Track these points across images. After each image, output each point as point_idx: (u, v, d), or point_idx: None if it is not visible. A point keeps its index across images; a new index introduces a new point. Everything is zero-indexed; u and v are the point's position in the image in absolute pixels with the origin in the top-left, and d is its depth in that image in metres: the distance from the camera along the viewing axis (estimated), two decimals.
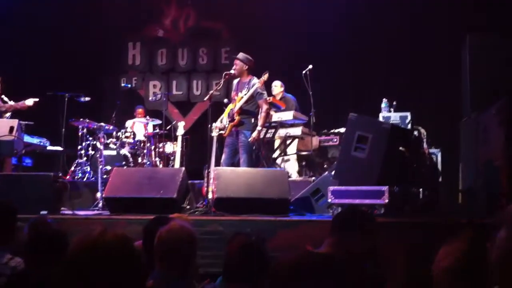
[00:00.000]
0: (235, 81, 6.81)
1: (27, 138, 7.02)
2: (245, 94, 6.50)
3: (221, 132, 6.58)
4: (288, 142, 7.35)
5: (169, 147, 8.01)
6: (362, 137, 5.55)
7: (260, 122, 6.48)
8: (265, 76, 6.57)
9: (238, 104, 6.49)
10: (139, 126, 8.41)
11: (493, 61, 6.09)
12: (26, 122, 6.90)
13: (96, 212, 5.90)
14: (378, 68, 8.43)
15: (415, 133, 6.21)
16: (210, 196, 5.61)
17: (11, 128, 5.78)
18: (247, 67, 6.66)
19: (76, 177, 7.48)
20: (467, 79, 6.42)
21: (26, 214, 3.89)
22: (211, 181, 5.72)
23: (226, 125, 6.63)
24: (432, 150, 6.37)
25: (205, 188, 5.84)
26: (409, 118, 6.73)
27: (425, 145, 6.16)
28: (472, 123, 6.14)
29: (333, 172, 6.07)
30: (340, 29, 8.69)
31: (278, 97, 7.66)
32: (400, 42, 8.40)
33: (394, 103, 6.95)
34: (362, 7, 8.60)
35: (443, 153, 6.55)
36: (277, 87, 7.61)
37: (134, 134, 8.01)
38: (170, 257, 2.52)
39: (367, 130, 5.58)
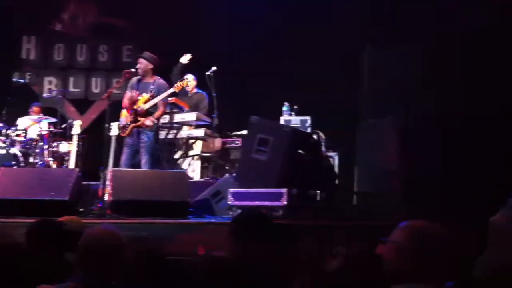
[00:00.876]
0: (134, 79, 6.61)
1: None
2: (153, 96, 6.33)
3: (120, 131, 6.37)
4: (190, 143, 7.26)
5: (64, 147, 7.62)
6: (264, 140, 5.61)
7: (156, 115, 6.36)
8: (183, 82, 6.52)
9: (144, 106, 6.31)
10: (32, 124, 7.95)
11: (390, 71, 6.41)
12: None
13: None
14: (280, 72, 8.56)
15: (314, 136, 6.38)
16: (106, 198, 5.41)
17: None
18: (151, 66, 6.51)
19: None
20: (365, 86, 6.71)
21: None
22: (107, 182, 5.52)
23: (126, 125, 6.43)
24: (330, 154, 6.57)
25: (101, 190, 5.63)
26: (309, 122, 6.90)
27: (323, 149, 6.35)
28: (368, 128, 6.42)
29: (234, 174, 6.09)
30: (243, 30, 8.73)
31: (191, 91, 7.54)
32: (302, 46, 8.58)
33: (295, 107, 7.09)
34: (264, 8, 8.69)
35: (340, 157, 6.77)
36: (190, 81, 7.46)
37: (26, 133, 7.55)
38: (95, 261, 2.45)
39: (268, 133, 5.64)
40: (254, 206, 5.06)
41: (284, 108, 6.99)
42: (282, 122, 6.83)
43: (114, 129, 6.27)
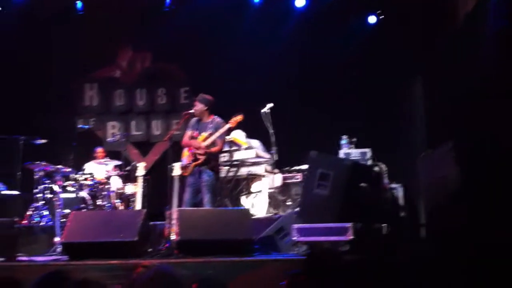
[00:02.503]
0: (193, 120, 6.81)
1: None
2: (211, 134, 6.50)
3: (182, 171, 6.52)
4: (251, 180, 7.33)
5: (129, 188, 7.86)
6: (324, 175, 5.60)
7: (213, 150, 6.50)
8: (238, 118, 6.63)
9: (203, 144, 6.48)
10: (99, 168, 8.24)
11: (445, 100, 6.32)
12: None
13: (53, 257, 5.69)
14: (338, 105, 8.58)
15: (376, 169, 6.30)
16: (172, 238, 5.50)
17: None
18: (207, 108, 6.70)
19: (33, 222, 7.21)
20: (421, 116, 6.63)
21: None
22: (173, 222, 5.62)
23: (188, 165, 6.59)
24: (393, 185, 6.46)
25: (167, 230, 5.74)
26: (369, 154, 6.83)
27: (386, 181, 6.25)
28: (428, 159, 6.29)
29: (296, 210, 6.09)
30: (297, 67, 8.84)
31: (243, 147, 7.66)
32: (358, 79, 8.59)
33: (354, 139, 7.06)
34: (317, 44, 8.79)
35: (404, 188, 6.63)
36: (240, 136, 7.63)
37: (93, 176, 7.83)
38: None
39: (329, 167, 5.63)
40: (321, 242, 5.02)
41: (343, 141, 6.97)
42: (341, 155, 6.80)
43: (176, 169, 6.42)
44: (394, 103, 8.44)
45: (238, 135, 7.57)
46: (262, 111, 7.30)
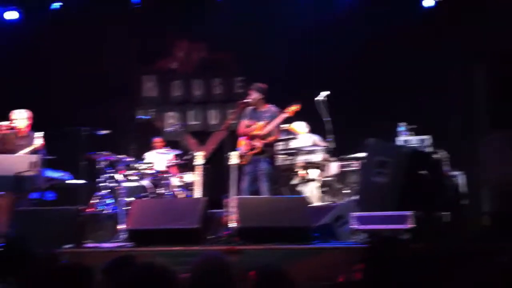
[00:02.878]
0: (249, 109, 6.90)
1: (49, 173, 7.08)
2: (267, 123, 6.57)
3: (239, 160, 6.62)
4: (308, 168, 7.34)
5: (188, 177, 8.04)
6: (382, 162, 5.55)
7: (270, 139, 6.60)
8: (294, 107, 6.66)
9: (260, 133, 6.56)
10: (159, 157, 8.46)
11: (508, 84, 6.11)
12: (47, 157, 6.97)
13: (118, 244, 5.91)
14: (395, 91, 8.44)
15: (436, 156, 6.17)
16: (232, 225, 5.61)
17: (33, 164, 5.85)
18: (262, 96, 6.77)
19: (97, 210, 7.50)
20: (483, 101, 6.42)
21: (50, 248, 3.90)
22: (232, 210, 5.73)
23: (245, 153, 6.69)
24: (454, 173, 6.30)
25: (226, 217, 5.85)
26: (428, 141, 6.69)
27: (446, 168, 6.12)
28: (490, 144, 6.11)
29: (354, 198, 6.07)
30: (353, 52, 8.73)
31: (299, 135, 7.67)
32: (416, 64, 8.41)
33: (413, 126, 6.92)
34: (376, 30, 8.65)
35: (466, 175, 6.46)
36: (302, 128, 7.65)
37: (154, 165, 8.05)
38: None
39: (387, 154, 5.58)
40: (380, 230, 5.00)
41: (401, 128, 6.85)
42: (399, 142, 6.70)
43: (234, 158, 6.53)
44: (455, 88, 8.22)
45: (299, 127, 7.59)
46: (316, 99, 7.26)
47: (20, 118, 6.64)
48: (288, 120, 7.18)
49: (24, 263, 3.07)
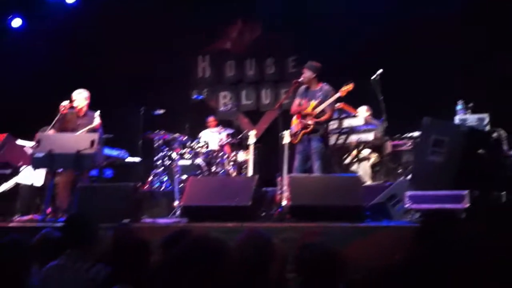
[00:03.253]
0: (302, 88, 6.87)
1: (107, 151, 7.32)
2: (320, 102, 6.55)
3: (292, 139, 6.64)
4: (360, 147, 7.28)
5: (241, 156, 8.13)
6: (438, 141, 5.43)
7: (322, 118, 6.61)
8: (348, 87, 6.60)
9: (313, 112, 6.55)
10: (212, 136, 8.59)
11: None
12: (106, 135, 7.20)
13: (174, 220, 6.07)
14: (452, 69, 8.20)
15: (494, 135, 5.98)
16: (284, 203, 5.65)
17: (92, 142, 6.04)
18: (315, 75, 6.72)
19: (153, 187, 7.73)
20: None
21: (109, 223, 4.05)
22: (284, 188, 5.76)
23: (297, 132, 6.69)
24: None
25: (278, 196, 5.89)
26: (487, 119, 6.47)
27: (505, 147, 5.92)
28: None
29: (408, 177, 5.97)
30: (410, 29, 8.53)
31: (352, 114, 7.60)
32: (475, 40, 8.13)
33: (471, 104, 6.71)
34: (433, 7, 8.39)
35: None
36: (363, 112, 7.57)
37: (208, 144, 8.19)
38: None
39: (443, 133, 5.45)
40: (435, 209, 4.91)
41: (458, 107, 6.66)
42: (457, 121, 6.52)
43: (286, 137, 6.55)
44: None
45: (360, 110, 7.52)
46: (372, 78, 7.15)
47: (80, 98, 6.86)
48: (341, 99, 7.12)
49: (86, 237, 3.20)
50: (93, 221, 3.26)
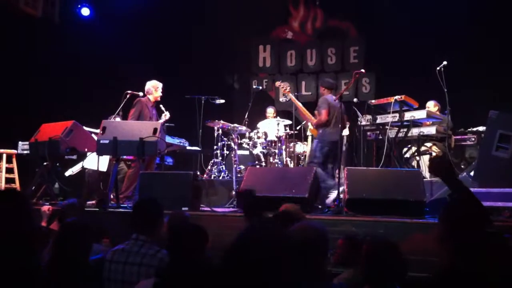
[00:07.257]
0: None
1: (169, 139, 7.48)
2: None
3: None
4: (422, 141, 7.10)
5: (299, 147, 8.12)
6: (505, 136, 5.24)
7: None
8: None
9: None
10: (271, 127, 8.61)
11: None
12: (168, 124, 7.36)
13: (232, 209, 6.15)
14: None
15: None
16: (342, 196, 5.60)
17: (155, 130, 6.17)
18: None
19: (212, 176, 7.83)
20: None
21: (169, 210, 4.15)
22: (342, 180, 5.71)
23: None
24: None
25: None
26: None
27: None
28: None
29: (472, 173, 5.79)
30: (474, 21, 8.22)
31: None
32: None
33: None
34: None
35: None
36: (430, 107, 7.40)
37: (266, 135, 8.21)
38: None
39: (510, 128, 5.25)
40: (498, 207, 4.75)
41: None
42: None
43: (345, 130, 6.48)
44: None
45: (431, 107, 7.36)
46: (437, 69, 6.94)
47: (153, 88, 7.10)
48: (402, 92, 6.96)
49: (153, 222, 3.28)
50: (160, 206, 3.32)
